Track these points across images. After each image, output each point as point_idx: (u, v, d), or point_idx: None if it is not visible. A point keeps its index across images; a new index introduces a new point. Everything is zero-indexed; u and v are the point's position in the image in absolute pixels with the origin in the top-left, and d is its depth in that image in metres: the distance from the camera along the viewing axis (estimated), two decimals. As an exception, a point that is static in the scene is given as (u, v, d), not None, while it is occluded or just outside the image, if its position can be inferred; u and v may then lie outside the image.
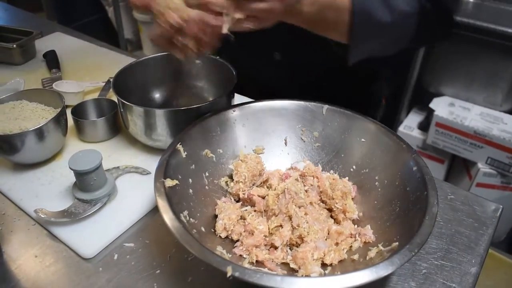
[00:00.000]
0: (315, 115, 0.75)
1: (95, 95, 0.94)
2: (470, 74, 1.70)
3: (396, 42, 0.75)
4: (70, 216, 0.65)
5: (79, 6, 2.79)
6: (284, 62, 0.97)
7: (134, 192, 0.72)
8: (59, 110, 0.76)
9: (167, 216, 0.52)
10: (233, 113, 0.73)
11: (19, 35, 1.17)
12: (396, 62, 1.34)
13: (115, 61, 1.14)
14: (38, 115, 0.79)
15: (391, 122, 1.92)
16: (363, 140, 0.71)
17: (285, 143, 0.76)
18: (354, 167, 0.71)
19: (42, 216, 0.64)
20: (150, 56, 0.87)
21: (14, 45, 1.08)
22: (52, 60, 1.09)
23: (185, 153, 0.65)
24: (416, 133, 1.83)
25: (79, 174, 0.65)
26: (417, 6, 0.71)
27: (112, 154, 0.80)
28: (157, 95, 0.91)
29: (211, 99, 0.89)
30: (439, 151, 1.79)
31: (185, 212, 0.57)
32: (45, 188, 0.72)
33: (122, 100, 0.74)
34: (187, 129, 0.68)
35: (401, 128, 1.85)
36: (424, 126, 1.82)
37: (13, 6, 1.90)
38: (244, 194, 0.66)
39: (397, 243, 0.53)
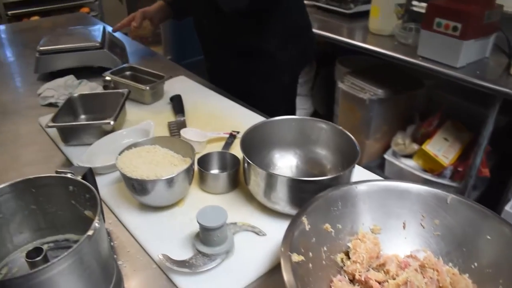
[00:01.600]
0: (439, 203, 0.73)
1: (216, 144, 1.00)
2: None
3: None
4: (191, 267, 0.68)
5: (194, 44, 2.98)
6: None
7: (250, 251, 0.74)
8: (187, 159, 0.82)
9: (293, 293, 0.53)
10: (356, 189, 0.74)
11: (151, 77, 1.29)
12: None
13: (234, 111, 1.21)
14: (168, 161, 0.85)
15: (496, 198, 1.81)
16: (489, 237, 0.68)
17: (403, 227, 0.74)
18: (476, 264, 0.68)
19: (165, 263, 0.68)
20: (278, 118, 0.91)
21: (147, 88, 1.19)
22: (177, 104, 1.18)
23: (309, 226, 0.66)
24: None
25: (205, 229, 0.69)
26: None
27: (230, 208, 0.83)
28: (277, 155, 0.94)
29: (329, 166, 0.91)
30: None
31: (306, 288, 0.58)
32: (168, 233, 0.77)
33: (248, 160, 0.78)
34: (312, 201, 0.69)
35: (508, 208, 1.73)
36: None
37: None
38: (360, 276, 0.66)
39: None
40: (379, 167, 2.29)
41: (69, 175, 0.67)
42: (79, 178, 0.66)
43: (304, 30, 1.56)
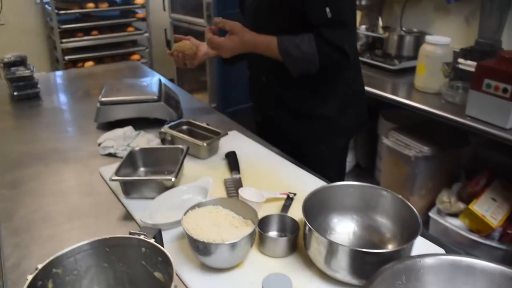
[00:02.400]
0: (505, 281, 0.71)
1: (272, 204, 1.02)
2: None
3: (309, 65, 1.31)
4: (254, 335, 0.69)
5: (239, 93, 3.07)
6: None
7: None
8: (248, 221, 0.84)
9: None
10: (420, 263, 0.73)
11: (207, 132, 1.34)
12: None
13: (286, 170, 1.23)
14: (229, 222, 0.88)
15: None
16: None
17: (469, 305, 0.73)
18: None
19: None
20: (338, 183, 0.93)
21: (205, 144, 1.24)
22: (233, 161, 1.22)
23: (375, 301, 0.66)
24: None
25: (270, 297, 0.70)
26: (315, 48, 1.27)
27: (288, 273, 0.84)
28: (335, 219, 0.95)
29: (388, 235, 0.91)
30: None
31: None
32: (230, 296, 0.79)
33: (310, 227, 0.79)
34: (377, 274, 0.69)
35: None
36: None
37: (182, 88, 2.19)
38: None
39: None
40: (423, 225, 2.22)
41: (142, 237, 0.70)
42: (152, 240, 0.69)
43: (360, 94, 1.60)
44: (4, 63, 2.04)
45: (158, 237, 0.76)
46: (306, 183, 1.16)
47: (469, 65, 2.10)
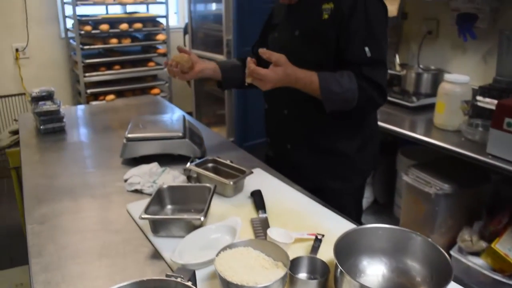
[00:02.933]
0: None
1: (300, 245, 1.03)
2: None
3: (347, 102, 1.35)
4: None
5: (257, 127, 3.11)
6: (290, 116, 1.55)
7: None
8: (279, 263, 0.85)
9: None
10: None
11: (232, 170, 1.36)
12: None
13: (311, 209, 1.24)
14: (260, 264, 0.89)
15: None
16: None
17: None
18: None
19: None
20: (368, 226, 0.94)
21: (231, 182, 1.26)
22: (259, 200, 1.23)
23: None
24: None
25: None
26: (356, 84, 1.33)
27: (319, 316, 0.84)
28: (364, 262, 0.95)
29: (418, 278, 0.90)
30: None
31: None
32: None
33: (342, 270, 0.80)
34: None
35: None
36: None
37: (200, 121, 2.23)
38: None
39: None
40: (444, 263, 2.21)
41: (179, 279, 0.71)
42: (189, 283, 0.71)
43: (376, 134, 1.63)
44: (32, 97, 2.11)
45: (193, 279, 0.77)
46: (331, 223, 1.17)
47: (487, 102, 2.11)
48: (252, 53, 1.72)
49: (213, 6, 3.53)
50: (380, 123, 2.21)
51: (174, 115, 1.84)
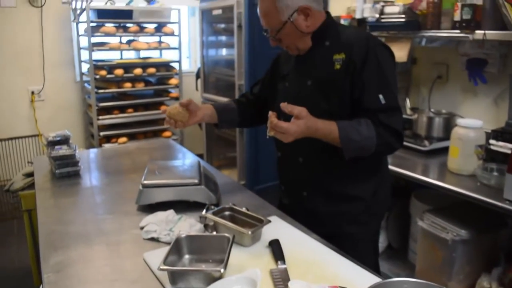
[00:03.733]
0: None
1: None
2: None
3: (366, 149, 1.39)
4: None
5: (268, 170, 3.12)
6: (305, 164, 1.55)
7: None
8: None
9: None
10: None
11: (249, 219, 1.35)
12: None
13: (329, 259, 1.22)
14: (282, 319, 0.87)
15: None
16: None
17: None
18: None
19: None
20: (393, 280, 0.92)
21: (249, 232, 1.25)
22: (277, 250, 1.22)
23: None
24: None
25: None
26: (374, 131, 1.37)
27: None
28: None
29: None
30: None
31: None
32: None
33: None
34: None
35: None
36: None
37: (211, 163, 2.23)
38: None
39: None
40: (464, 312, 2.15)
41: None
42: None
43: (388, 176, 1.65)
44: (48, 142, 2.14)
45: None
46: (351, 273, 1.15)
47: (501, 146, 2.11)
48: (250, 93, 1.81)
49: (225, 52, 3.62)
50: (393, 168, 2.21)
51: (189, 161, 1.85)
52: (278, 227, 1.41)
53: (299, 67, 1.56)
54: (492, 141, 2.16)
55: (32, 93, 4.09)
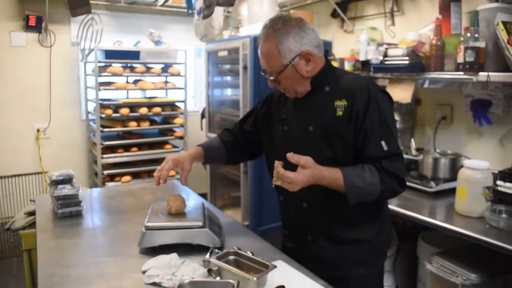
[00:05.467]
0: None
1: None
2: None
3: (370, 195, 1.39)
4: None
5: (272, 212, 3.08)
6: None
7: None
8: None
9: None
10: None
11: (254, 263, 1.32)
12: None
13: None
14: None
15: None
16: None
17: None
18: None
19: None
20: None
21: (255, 278, 1.22)
22: (283, 297, 1.18)
23: None
24: None
25: None
26: (378, 178, 1.38)
27: None
28: None
29: None
30: None
31: None
32: None
33: None
34: None
35: None
36: None
37: (214, 203, 2.20)
38: None
39: None
40: None
41: None
42: None
43: (388, 214, 1.65)
44: (52, 181, 2.12)
45: None
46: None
47: (509, 187, 2.08)
48: (239, 129, 1.83)
49: (231, 92, 3.65)
50: (399, 209, 2.19)
51: (193, 202, 1.83)
52: (284, 272, 1.38)
53: (298, 112, 1.56)
54: (499, 182, 2.13)
55: (38, 130, 4.12)
